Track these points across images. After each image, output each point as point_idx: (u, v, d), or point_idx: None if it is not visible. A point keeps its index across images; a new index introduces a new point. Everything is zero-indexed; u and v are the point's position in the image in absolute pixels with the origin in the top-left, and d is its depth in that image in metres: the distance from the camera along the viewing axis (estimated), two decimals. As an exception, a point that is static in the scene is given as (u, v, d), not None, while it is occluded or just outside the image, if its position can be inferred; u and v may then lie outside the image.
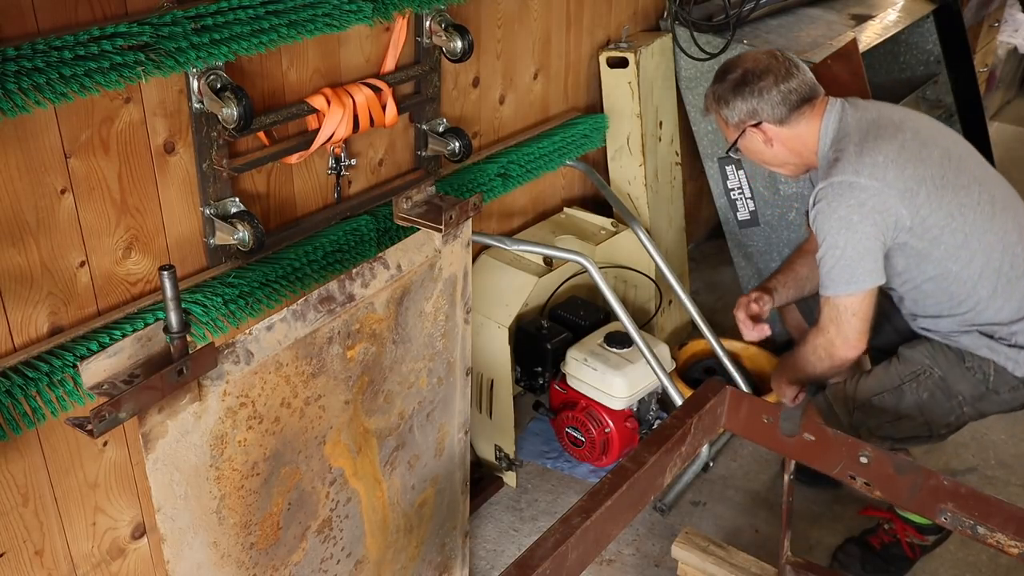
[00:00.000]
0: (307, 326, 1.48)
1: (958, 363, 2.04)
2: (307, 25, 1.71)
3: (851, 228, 1.88)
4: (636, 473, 1.51)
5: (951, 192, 1.93)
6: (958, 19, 3.52)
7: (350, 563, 1.79)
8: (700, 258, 3.76)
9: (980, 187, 1.98)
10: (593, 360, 2.46)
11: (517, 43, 2.49)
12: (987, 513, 1.51)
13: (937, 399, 2.05)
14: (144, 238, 1.71)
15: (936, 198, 1.91)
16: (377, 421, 1.73)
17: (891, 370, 2.11)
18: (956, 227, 1.93)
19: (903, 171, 1.90)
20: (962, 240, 1.94)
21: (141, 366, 1.23)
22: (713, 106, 2.13)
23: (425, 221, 1.69)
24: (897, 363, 2.11)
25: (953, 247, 1.94)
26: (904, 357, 2.11)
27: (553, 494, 2.57)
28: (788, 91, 2.02)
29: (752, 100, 2.03)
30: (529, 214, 2.80)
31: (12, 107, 1.33)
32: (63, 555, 1.74)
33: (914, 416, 2.07)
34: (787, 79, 2.02)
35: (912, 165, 1.92)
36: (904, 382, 2.08)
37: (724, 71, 2.10)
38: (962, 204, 1.94)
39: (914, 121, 2.04)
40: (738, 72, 2.06)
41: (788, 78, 2.02)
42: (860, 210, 1.88)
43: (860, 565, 2.33)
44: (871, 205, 1.88)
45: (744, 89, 2.04)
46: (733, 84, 2.06)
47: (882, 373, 2.12)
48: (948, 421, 2.08)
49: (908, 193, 1.89)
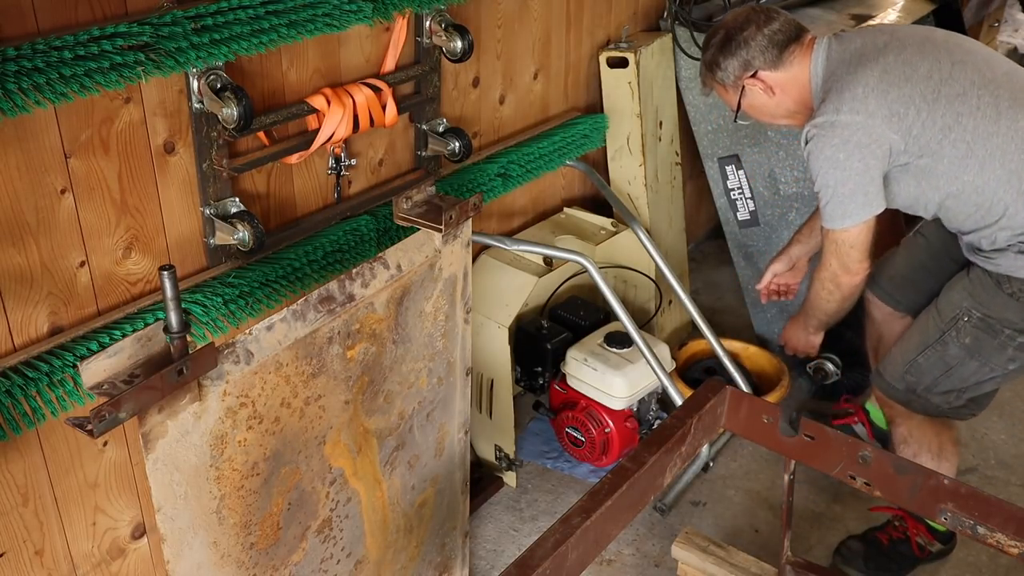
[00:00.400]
0: (307, 326, 1.48)
1: (997, 291, 2.00)
2: (307, 25, 1.71)
3: (838, 166, 1.92)
4: (636, 473, 1.51)
5: (944, 103, 1.92)
6: (958, 19, 3.52)
7: (350, 563, 1.79)
8: (700, 258, 3.76)
9: (979, 90, 1.93)
10: (593, 360, 2.46)
11: (517, 43, 2.49)
12: (987, 513, 1.51)
13: (982, 340, 2.03)
14: (144, 238, 1.71)
15: (927, 113, 1.91)
16: (377, 421, 1.73)
17: (930, 324, 2.10)
18: (956, 137, 1.92)
19: (886, 96, 1.91)
20: (965, 149, 1.92)
21: (141, 366, 1.23)
22: (708, 76, 2.16)
23: (425, 221, 1.69)
24: (936, 315, 2.10)
25: (958, 158, 1.93)
26: (940, 307, 2.10)
27: (553, 494, 2.57)
28: (773, 32, 2.05)
29: (741, 52, 2.06)
30: (529, 214, 2.80)
31: (12, 107, 1.33)
32: (63, 555, 1.74)
33: (965, 362, 2.06)
34: (768, 23, 2.06)
35: (896, 87, 1.92)
36: (945, 332, 2.07)
37: (708, 39, 2.15)
38: (959, 113, 1.91)
39: (900, 40, 2.02)
40: (721, 33, 2.11)
41: (769, 21, 2.06)
42: (845, 147, 1.91)
43: (863, 562, 2.32)
44: (855, 140, 1.91)
45: (731, 45, 2.08)
46: (719, 45, 2.10)
47: (922, 329, 2.12)
48: (1005, 356, 2.04)
49: (895, 117, 1.90)
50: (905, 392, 2.15)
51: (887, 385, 2.19)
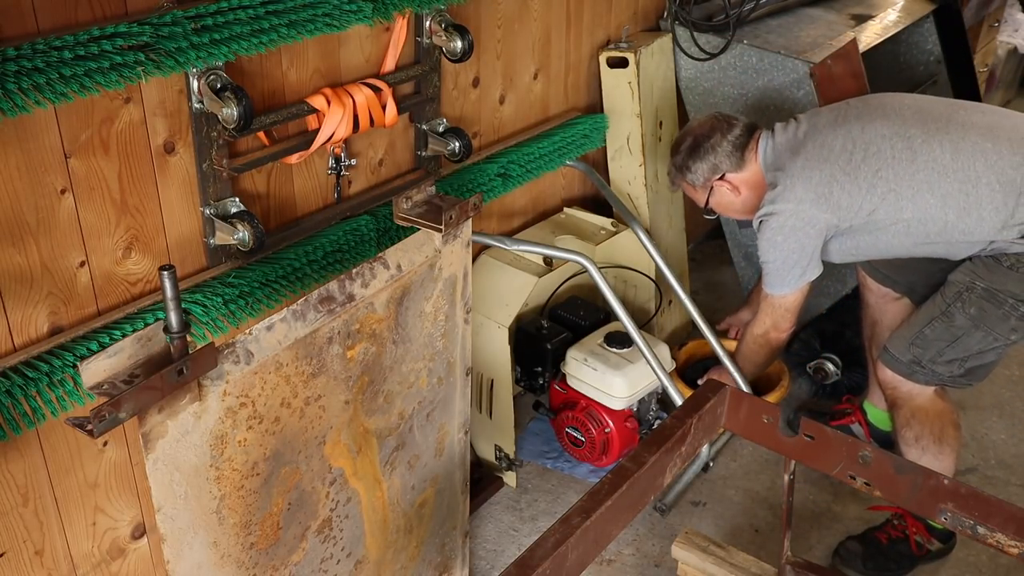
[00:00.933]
0: (307, 326, 1.48)
1: (997, 266, 2.12)
2: (307, 25, 1.71)
3: (776, 247, 2.21)
4: (636, 473, 1.51)
5: (863, 167, 2.12)
6: (958, 19, 3.52)
7: (350, 563, 1.79)
8: (700, 258, 3.76)
9: (891, 140, 2.13)
10: (593, 360, 2.46)
11: (517, 43, 2.49)
12: (987, 513, 1.51)
13: (987, 310, 2.13)
14: (144, 238, 1.71)
15: (849, 183, 2.13)
16: (377, 421, 1.73)
17: (936, 299, 2.22)
18: (882, 190, 2.11)
19: (809, 181, 2.15)
20: (894, 198, 2.12)
21: (141, 366, 1.23)
22: (678, 177, 2.42)
23: (425, 221, 1.69)
24: (943, 290, 2.21)
25: (893, 206, 2.12)
26: (947, 283, 2.21)
27: (553, 494, 2.57)
28: (735, 138, 2.32)
29: (709, 157, 2.33)
30: (529, 214, 2.80)
31: (12, 107, 1.33)
32: (63, 555, 1.74)
33: (970, 331, 2.15)
34: (730, 129, 2.32)
35: (816, 170, 2.15)
36: (950, 304, 2.17)
37: (677, 145, 2.41)
38: (877, 169, 2.12)
39: (815, 125, 2.25)
40: (689, 140, 2.37)
41: (731, 128, 2.33)
42: (781, 231, 2.18)
43: (861, 563, 2.33)
44: (790, 225, 2.16)
45: (699, 151, 2.34)
46: (688, 151, 2.36)
47: (930, 304, 2.23)
48: (1008, 325, 2.13)
49: (820, 199, 2.13)
50: (909, 364, 2.23)
51: (892, 358, 2.26)
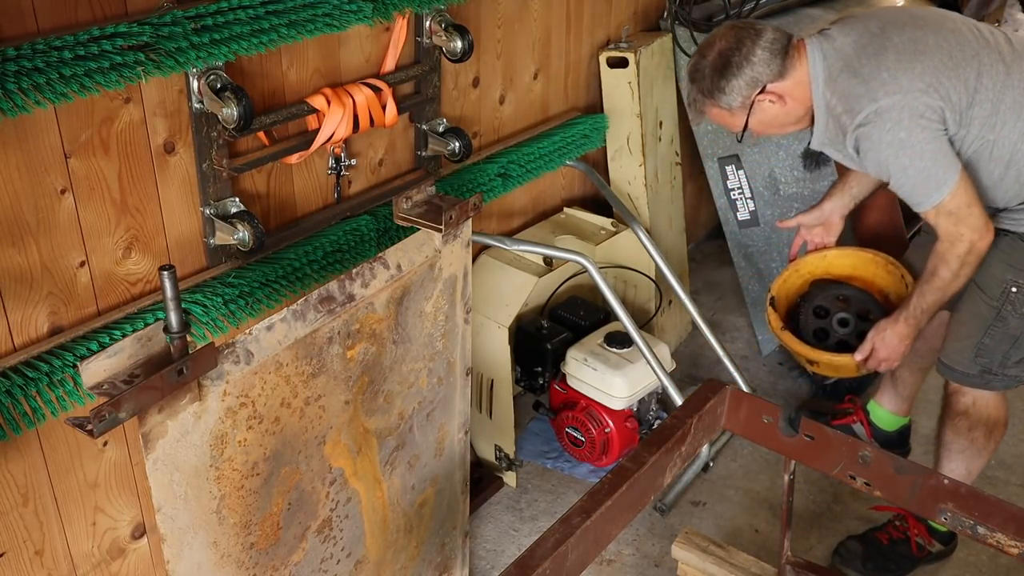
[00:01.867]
0: (307, 326, 1.48)
1: None
2: (307, 25, 1.71)
3: (903, 145, 1.88)
4: (636, 473, 1.51)
5: (963, 66, 1.91)
6: (958, 19, 3.51)
7: (350, 563, 1.79)
8: (700, 258, 3.76)
9: (984, 50, 1.94)
10: (593, 360, 2.46)
11: (517, 43, 2.49)
12: (987, 513, 1.51)
13: None
14: (144, 238, 1.71)
15: (955, 78, 1.90)
16: (377, 421, 1.73)
17: (981, 306, 2.08)
18: (982, 97, 1.91)
19: (912, 71, 1.89)
20: (991, 108, 1.92)
21: (141, 366, 1.23)
22: (706, 104, 2.07)
23: (425, 221, 1.69)
24: (981, 295, 2.07)
25: (984, 117, 1.92)
26: (983, 285, 2.07)
27: (553, 494, 2.57)
28: (770, 43, 1.98)
29: (746, 70, 1.98)
30: (529, 214, 2.80)
31: (12, 107, 1.33)
32: (63, 555, 1.74)
33: None
34: (759, 35, 1.99)
35: (918, 62, 1.90)
36: (1000, 308, 2.04)
37: (697, 68, 2.04)
38: (979, 73, 1.91)
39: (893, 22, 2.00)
40: (712, 57, 2.01)
41: (760, 34, 1.99)
42: (900, 126, 1.88)
43: (861, 563, 2.32)
44: (907, 116, 1.87)
45: (730, 67, 1.98)
46: (718, 70, 2.00)
47: (975, 312, 2.09)
48: None
49: (930, 88, 1.88)
50: (981, 375, 2.11)
51: (961, 375, 2.13)
